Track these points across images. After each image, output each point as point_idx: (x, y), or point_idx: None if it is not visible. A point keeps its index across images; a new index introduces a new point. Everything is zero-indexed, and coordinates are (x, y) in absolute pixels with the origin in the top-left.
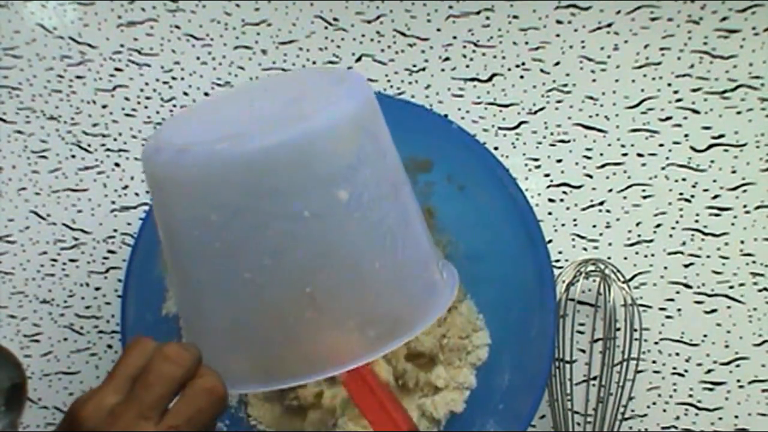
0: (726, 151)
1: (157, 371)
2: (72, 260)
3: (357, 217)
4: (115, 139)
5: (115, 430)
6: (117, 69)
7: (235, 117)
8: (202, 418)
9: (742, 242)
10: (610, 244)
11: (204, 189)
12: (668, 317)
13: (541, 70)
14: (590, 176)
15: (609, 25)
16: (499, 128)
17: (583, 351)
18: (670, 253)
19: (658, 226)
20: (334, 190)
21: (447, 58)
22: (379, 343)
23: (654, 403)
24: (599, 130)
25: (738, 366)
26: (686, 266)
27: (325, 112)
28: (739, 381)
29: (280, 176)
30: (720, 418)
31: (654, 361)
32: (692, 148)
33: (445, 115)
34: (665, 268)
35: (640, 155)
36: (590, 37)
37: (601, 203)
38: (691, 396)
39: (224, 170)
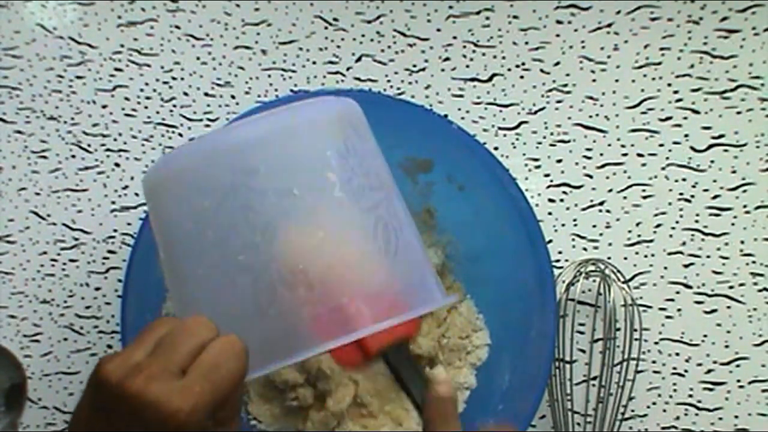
0: (726, 151)
1: (184, 331)
2: (72, 260)
3: (347, 199)
4: (115, 139)
5: (139, 381)
6: (117, 69)
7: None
8: (226, 367)
9: (742, 242)
10: (610, 244)
11: (195, 178)
12: (668, 317)
13: (541, 70)
14: (590, 176)
15: (609, 25)
16: (499, 128)
17: (583, 351)
18: (670, 253)
19: (658, 226)
20: (322, 171)
21: (447, 58)
22: (374, 320)
23: (654, 403)
24: (599, 130)
25: (738, 366)
26: (686, 266)
27: (311, 105)
28: (739, 381)
29: (268, 156)
30: (720, 418)
31: (654, 361)
32: (692, 148)
33: (445, 115)
34: (665, 268)
35: (640, 155)
36: (590, 37)
37: (601, 203)
38: (691, 396)
39: (212, 155)
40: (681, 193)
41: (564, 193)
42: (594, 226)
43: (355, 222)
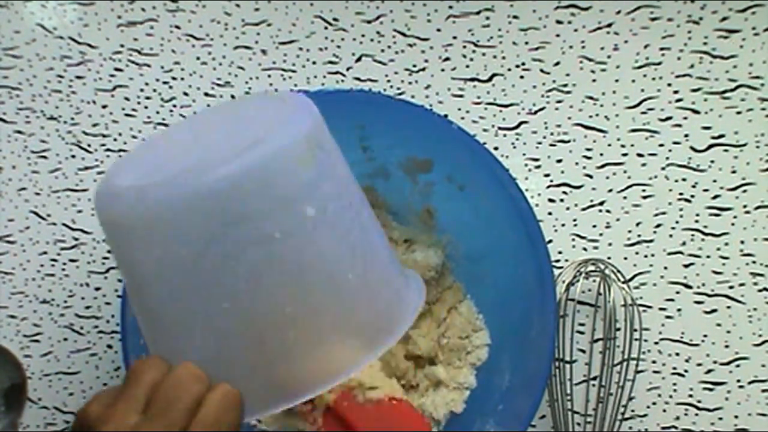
0: (726, 151)
1: (178, 386)
2: (72, 260)
3: (325, 230)
4: (115, 139)
5: None
6: (117, 69)
7: (184, 151)
8: (226, 421)
9: (742, 242)
10: (610, 244)
11: (172, 226)
12: (668, 317)
13: (541, 70)
14: (590, 176)
15: (609, 25)
16: (499, 128)
17: (583, 351)
18: (670, 253)
19: (658, 226)
20: (300, 207)
21: (447, 58)
22: (364, 353)
23: (654, 403)
24: (599, 130)
25: (738, 366)
26: (686, 266)
27: (280, 131)
28: (739, 381)
29: (247, 201)
30: (720, 418)
31: (654, 361)
32: (692, 148)
33: (445, 115)
34: (665, 268)
35: (640, 155)
36: (590, 37)
37: (601, 203)
38: (691, 396)
39: (189, 203)
40: (681, 193)
41: (564, 193)
42: (594, 226)
43: (336, 253)
